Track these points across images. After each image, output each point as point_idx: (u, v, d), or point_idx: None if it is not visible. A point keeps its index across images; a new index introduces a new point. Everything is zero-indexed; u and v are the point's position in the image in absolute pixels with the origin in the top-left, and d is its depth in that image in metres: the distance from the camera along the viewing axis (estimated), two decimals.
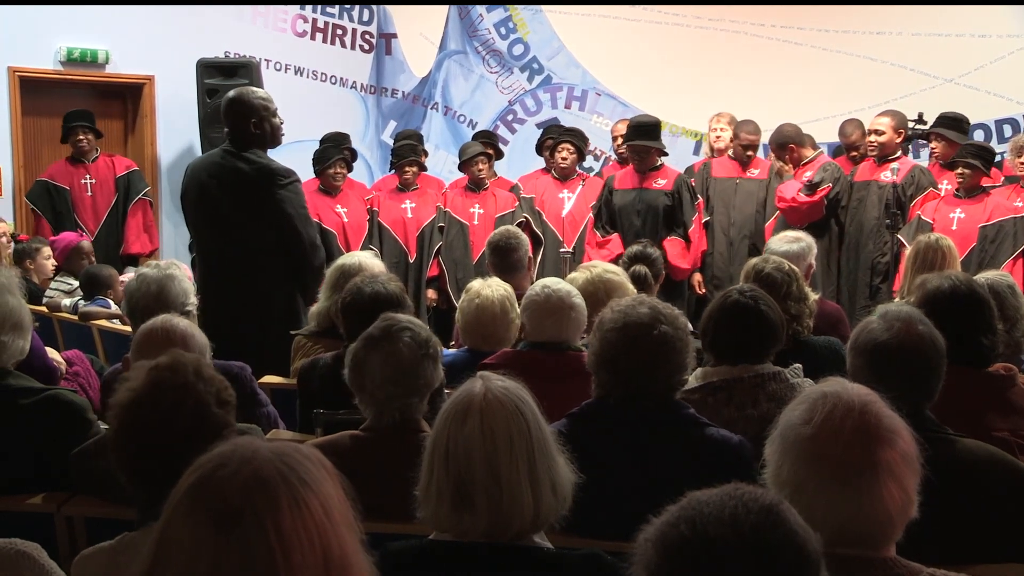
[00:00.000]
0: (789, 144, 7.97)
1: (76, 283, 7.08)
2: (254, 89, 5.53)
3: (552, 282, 4.12)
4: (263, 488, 1.51)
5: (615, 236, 7.78)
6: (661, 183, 7.72)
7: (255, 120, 5.29)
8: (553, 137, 8.57)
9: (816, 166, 7.84)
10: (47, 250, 7.66)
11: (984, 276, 4.16)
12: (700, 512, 1.51)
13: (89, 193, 8.61)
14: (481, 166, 8.31)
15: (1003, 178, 7.57)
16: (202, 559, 1.47)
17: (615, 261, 7.28)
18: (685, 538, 1.49)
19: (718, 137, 8.51)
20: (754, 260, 4.50)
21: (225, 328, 5.00)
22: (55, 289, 7.14)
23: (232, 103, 5.31)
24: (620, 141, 8.61)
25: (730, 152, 8.30)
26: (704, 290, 7.89)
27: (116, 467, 2.40)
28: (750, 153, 8.14)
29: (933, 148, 7.71)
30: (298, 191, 5.36)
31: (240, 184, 5.24)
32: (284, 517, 1.49)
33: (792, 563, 1.49)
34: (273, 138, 5.40)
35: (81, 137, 8.58)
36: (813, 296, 4.47)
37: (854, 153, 8.34)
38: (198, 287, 5.03)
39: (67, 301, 6.79)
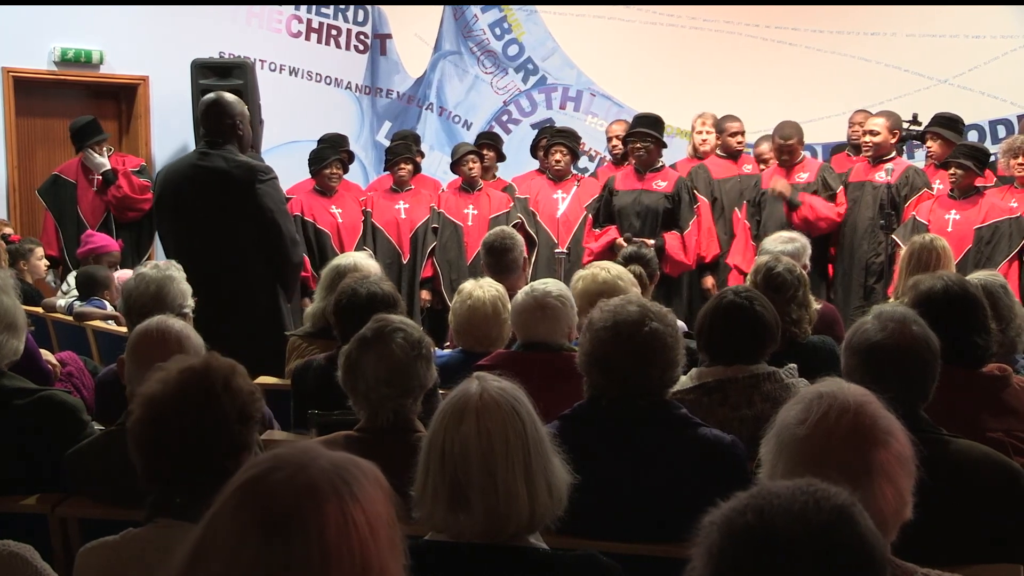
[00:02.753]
0: (801, 140, 7.92)
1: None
2: (230, 95, 5.62)
3: (537, 283, 4.16)
4: (313, 497, 1.49)
5: (611, 227, 7.75)
6: (661, 185, 7.70)
7: (238, 122, 5.42)
8: (547, 138, 8.58)
9: (810, 168, 7.83)
10: (40, 251, 7.66)
11: (976, 276, 4.17)
12: (770, 503, 1.47)
13: (94, 188, 8.61)
14: (472, 165, 8.30)
15: (996, 179, 7.59)
16: (243, 558, 1.47)
17: (610, 249, 7.33)
18: (751, 526, 1.46)
19: (704, 140, 8.50)
20: (764, 258, 4.50)
21: (207, 329, 4.99)
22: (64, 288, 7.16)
23: (215, 105, 5.42)
24: (615, 142, 8.62)
25: (718, 151, 8.32)
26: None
27: (132, 456, 2.41)
28: (740, 139, 8.18)
29: (929, 148, 7.72)
30: (277, 187, 5.46)
31: (221, 181, 5.30)
32: (330, 529, 1.48)
33: (858, 567, 1.45)
34: (248, 142, 5.56)
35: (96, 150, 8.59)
36: (815, 305, 4.49)
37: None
38: None
39: (62, 302, 6.79)
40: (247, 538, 1.48)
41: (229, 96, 5.53)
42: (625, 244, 7.16)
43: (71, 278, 7.16)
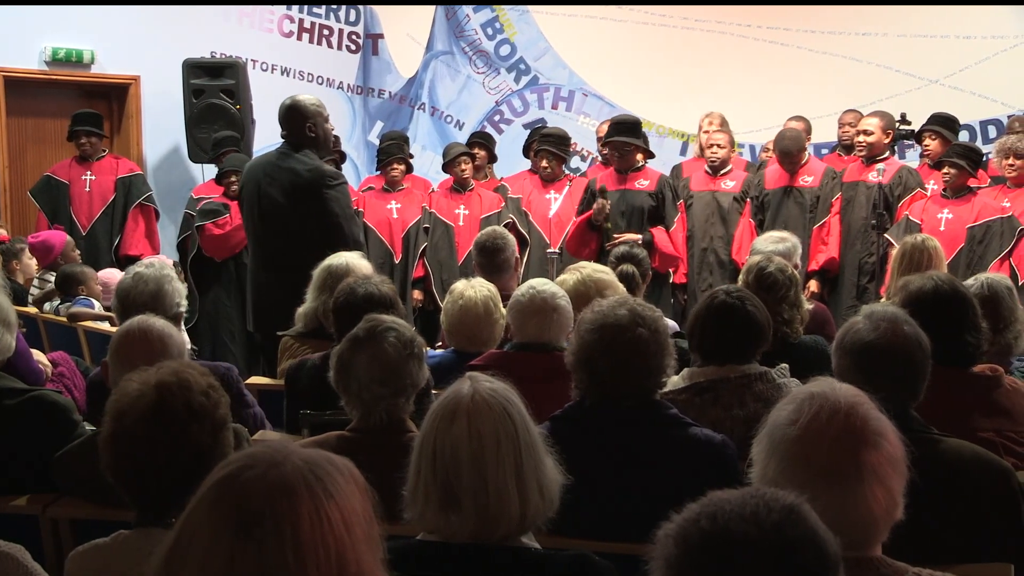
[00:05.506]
0: (801, 148, 7.89)
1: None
2: (308, 97, 5.95)
3: (538, 283, 4.13)
4: (286, 494, 1.50)
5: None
6: (644, 184, 7.68)
7: (310, 124, 5.75)
8: (535, 141, 8.56)
9: (815, 171, 7.82)
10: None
11: (985, 276, 4.15)
12: (721, 508, 1.51)
13: (87, 189, 8.62)
14: (464, 166, 8.29)
15: (989, 179, 7.61)
16: (217, 556, 1.47)
17: (588, 224, 7.28)
18: (706, 533, 1.49)
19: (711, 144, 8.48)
20: (756, 258, 4.51)
21: (271, 316, 5.56)
22: (38, 288, 7.12)
23: (290, 109, 5.79)
24: (601, 143, 8.60)
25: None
26: None
27: (103, 466, 2.39)
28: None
29: (926, 147, 7.73)
30: (345, 192, 5.83)
31: (294, 182, 5.66)
32: (303, 526, 1.48)
33: (812, 562, 1.49)
34: (325, 142, 5.89)
35: (84, 141, 8.60)
36: (807, 306, 4.50)
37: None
38: (249, 277, 6.00)
39: (47, 305, 6.78)
40: (220, 537, 1.48)
41: (304, 99, 5.86)
42: (604, 200, 7.27)
43: (45, 277, 7.14)
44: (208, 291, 8.29)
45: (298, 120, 5.75)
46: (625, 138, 7.62)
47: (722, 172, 8.08)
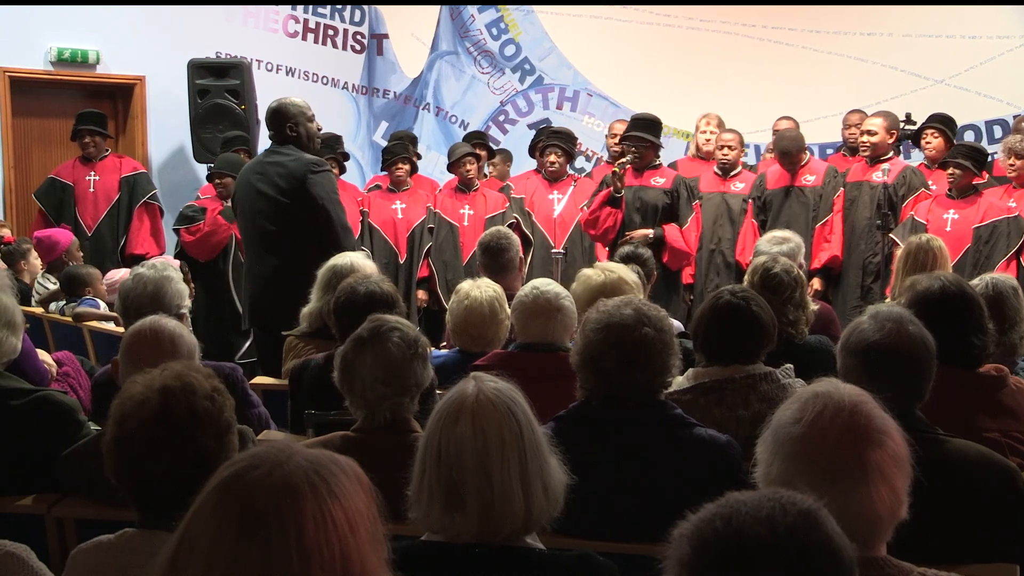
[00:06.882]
0: (801, 148, 7.90)
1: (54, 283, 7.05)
2: (293, 99, 6.14)
3: (541, 283, 4.13)
4: (290, 495, 1.50)
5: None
6: (660, 182, 7.67)
7: (291, 124, 5.93)
8: (543, 139, 8.56)
9: (817, 171, 7.81)
10: None
11: (990, 276, 4.14)
12: (737, 510, 1.51)
13: (92, 190, 8.63)
14: (469, 167, 8.31)
15: (990, 177, 7.60)
16: (221, 557, 1.48)
17: (610, 200, 7.27)
18: (720, 534, 1.49)
19: (707, 140, 8.49)
20: (762, 259, 4.50)
21: (267, 309, 5.76)
22: (39, 290, 7.13)
23: (274, 112, 6.01)
24: (618, 139, 8.58)
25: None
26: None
27: (107, 470, 2.39)
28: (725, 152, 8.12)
29: (927, 144, 7.70)
30: (329, 179, 5.96)
31: (280, 173, 5.83)
32: (307, 526, 1.48)
33: (826, 567, 1.49)
34: (310, 140, 6.04)
35: (87, 140, 8.61)
36: (813, 307, 4.49)
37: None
38: (245, 274, 6.14)
39: (52, 305, 6.78)
40: (224, 536, 1.48)
41: (287, 101, 6.06)
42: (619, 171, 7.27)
43: (47, 281, 7.14)
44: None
45: (279, 121, 5.96)
46: (641, 133, 7.61)
47: (732, 174, 8.07)
